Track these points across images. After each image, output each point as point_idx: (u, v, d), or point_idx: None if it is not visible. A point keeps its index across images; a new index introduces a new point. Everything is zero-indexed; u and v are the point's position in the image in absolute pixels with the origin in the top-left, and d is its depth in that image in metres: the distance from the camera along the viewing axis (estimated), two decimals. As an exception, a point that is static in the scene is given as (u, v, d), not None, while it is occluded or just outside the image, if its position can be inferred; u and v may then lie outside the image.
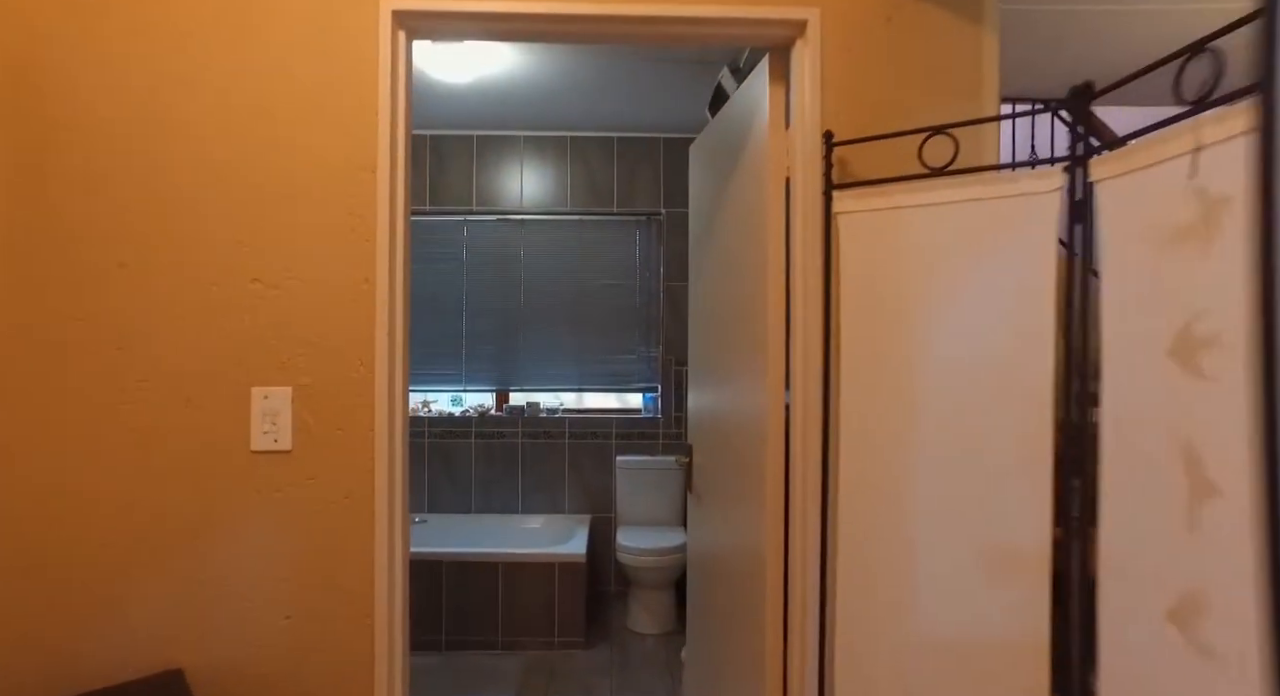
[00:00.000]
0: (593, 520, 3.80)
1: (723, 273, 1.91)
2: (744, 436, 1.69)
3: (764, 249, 1.54)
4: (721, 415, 1.91)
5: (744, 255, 1.70)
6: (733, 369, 1.79)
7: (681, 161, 3.86)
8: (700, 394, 2.18)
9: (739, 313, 1.73)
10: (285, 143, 1.34)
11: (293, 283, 1.34)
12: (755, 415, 1.60)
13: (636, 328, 3.88)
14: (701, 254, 2.16)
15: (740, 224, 1.75)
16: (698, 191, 2.23)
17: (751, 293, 1.63)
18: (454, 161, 3.81)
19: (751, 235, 1.64)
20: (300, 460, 1.34)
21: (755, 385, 1.59)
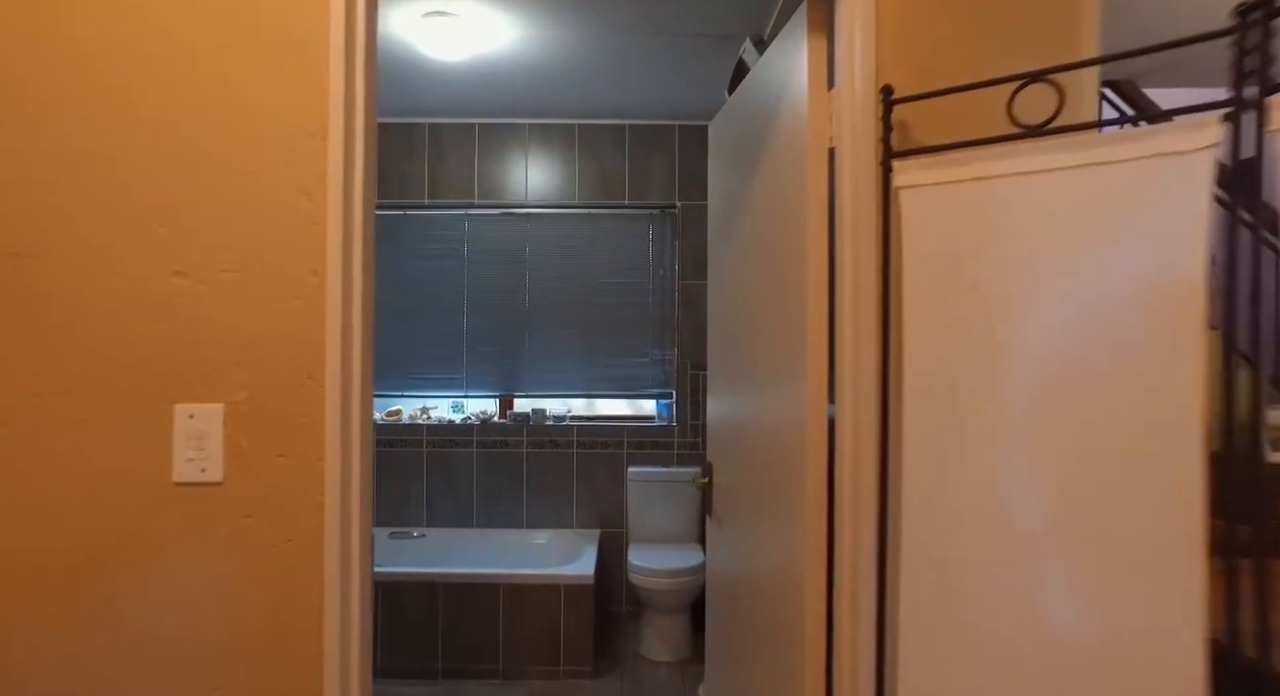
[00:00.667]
0: (602, 536, 3.54)
1: (749, 266, 1.64)
2: (777, 452, 1.42)
3: (802, 235, 1.27)
4: (747, 428, 1.64)
5: (777, 244, 1.44)
6: (762, 376, 1.52)
7: (698, 150, 3.59)
8: (721, 404, 1.91)
9: (770, 311, 1.46)
10: (214, 101, 1.09)
11: (225, 276, 1.09)
12: (791, 428, 1.33)
13: (650, 329, 3.62)
14: (723, 246, 1.90)
15: (771, 209, 1.48)
16: (719, 176, 1.97)
17: (786, 287, 1.36)
18: (454, 151, 3.57)
19: (786, 220, 1.38)
20: (233, 494, 1.08)
21: (791, 394, 1.33)
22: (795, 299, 1.31)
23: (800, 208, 1.28)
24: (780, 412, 1.40)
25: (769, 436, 1.47)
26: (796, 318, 1.30)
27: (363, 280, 1.15)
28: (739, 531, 1.71)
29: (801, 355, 1.26)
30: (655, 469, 3.49)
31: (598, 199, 3.58)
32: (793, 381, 1.32)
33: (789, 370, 1.34)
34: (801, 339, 1.27)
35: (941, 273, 1.01)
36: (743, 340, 1.68)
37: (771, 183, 1.48)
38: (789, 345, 1.35)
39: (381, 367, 3.56)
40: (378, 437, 3.53)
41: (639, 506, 3.45)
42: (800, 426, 1.27)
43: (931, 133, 1.10)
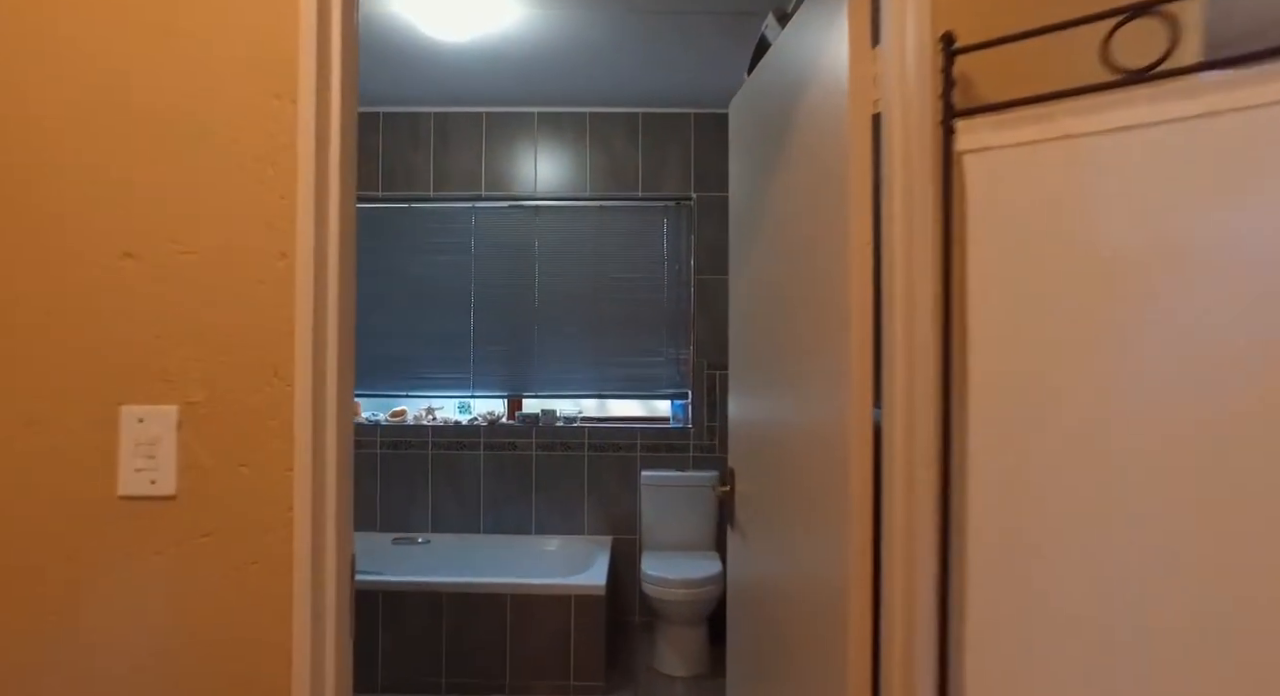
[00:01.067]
0: (614, 542, 3.38)
1: (777, 255, 1.48)
2: (812, 458, 1.26)
3: (842, 216, 1.11)
4: (776, 432, 1.48)
5: (811, 229, 1.28)
6: (793, 375, 1.36)
7: (715, 139, 3.43)
8: (744, 406, 1.75)
9: (802, 304, 1.30)
10: (166, 54, 0.95)
11: (180, 259, 0.95)
12: (829, 432, 1.17)
13: (664, 326, 3.46)
14: (746, 236, 1.74)
15: (804, 190, 1.32)
16: (741, 161, 1.81)
17: (823, 277, 1.20)
18: (460, 141, 3.43)
19: (821, 201, 1.22)
20: (189, 510, 0.94)
21: (829, 395, 1.17)
22: (834, 289, 1.15)
23: (839, 185, 1.12)
24: (816, 415, 1.24)
25: (802, 441, 1.31)
26: (835, 310, 1.14)
27: (340, 264, 1.00)
28: (766, 543, 1.55)
29: (842, 351, 1.10)
30: (670, 473, 3.33)
31: (610, 190, 3.43)
32: (831, 380, 1.16)
33: (826, 368, 1.18)
34: (842, 333, 1.11)
35: (1021, 252, 0.85)
36: (769, 337, 1.52)
37: (803, 161, 1.32)
38: (826, 340, 1.19)
39: (385, 367, 3.43)
40: (381, 439, 3.40)
41: (653, 512, 3.30)
42: (840, 430, 1.11)
43: (1000, 88, 0.94)
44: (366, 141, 3.42)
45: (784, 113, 1.43)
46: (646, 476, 3.31)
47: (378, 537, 3.37)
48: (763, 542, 1.57)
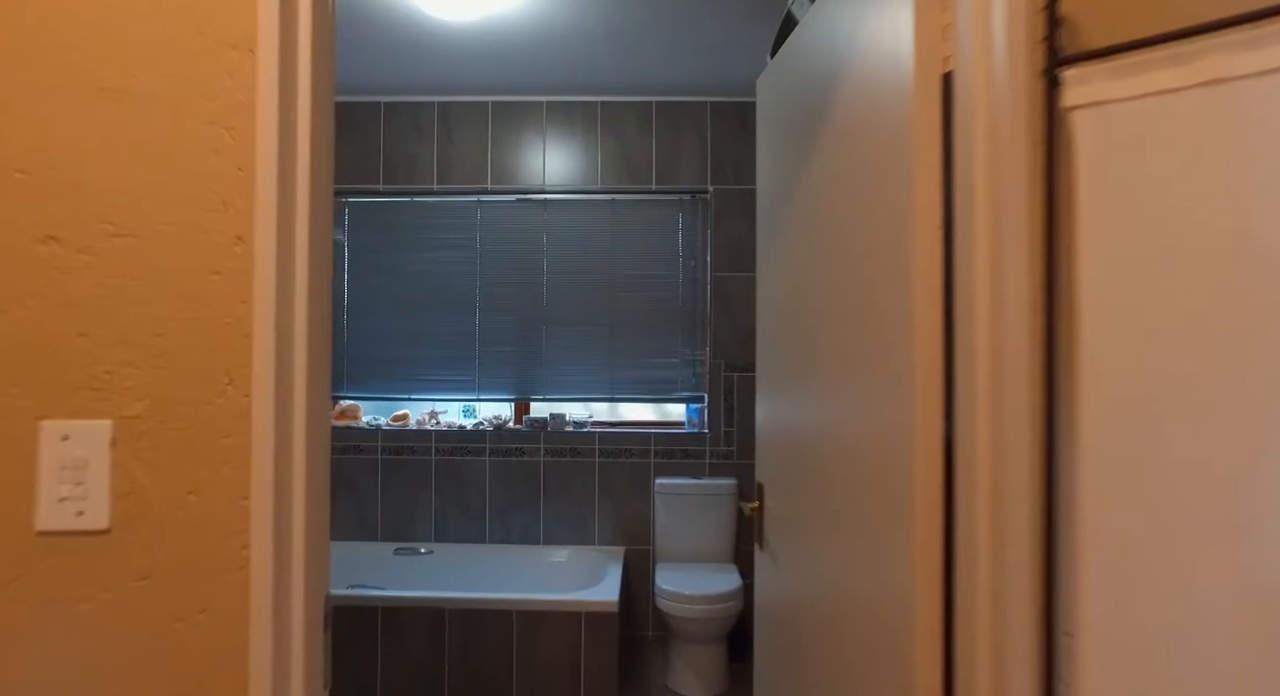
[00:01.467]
0: (627, 553, 3.22)
1: (816, 247, 1.31)
2: (862, 475, 1.09)
3: (904, 198, 0.94)
4: (815, 444, 1.31)
5: (860, 214, 1.10)
6: (837, 380, 1.19)
7: (733, 129, 3.26)
8: (775, 415, 1.58)
9: (849, 300, 1.13)
10: (102, 2, 0.79)
11: (115, 242, 0.78)
12: (886, 445, 1.00)
13: (679, 326, 3.29)
14: (778, 226, 1.56)
15: (851, 170, 1.14)
16: (771, 143, 1.63)
17: (877, 267, 1.03)
18: (466, 132, 3.27)
19: (875, 182, 1.04)
20: (124, 547, 0.78)
21: (886, 402, 1.00)
22: (893, 280, 0.97)
23: (898, 160, 0.95)
24: (867, 426, 1.06)
25: (848, 455, 1.13)
26: (895, 304, 0.96)
27: (310, 250, 0.84)
28: (802, 571, 1.37)
29: (904, 352, 0.93)
30: (685, 480, 3.16)
31: (622, 183, 3.26)
32: (888, 386, 0.98)
33: (882, 372, 1.01)
34: (904, 332, 0.93)
35: (1152, 235, 0.67)
36: (806, 337, 1.35)
37: (849, 138, 1.15)
38: (882, 341, 1.01)
39: (386, 368, 3.27)
40: (383, 444, 3.24)
41: (667, 521, 3.13)
42: (902, 442, 0.94)
43: (1115, 30, 0.76)
44: (367, 133, 3.27)
45: (824, 84, 1.25)
46: (660, 484, 3.14)
47: (379, 548, 3.21)
48: (798, 569, 1.39)
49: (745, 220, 3.24)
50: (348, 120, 3.26)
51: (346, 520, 3.27)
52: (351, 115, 3.26)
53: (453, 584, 3.10)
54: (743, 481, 3.20)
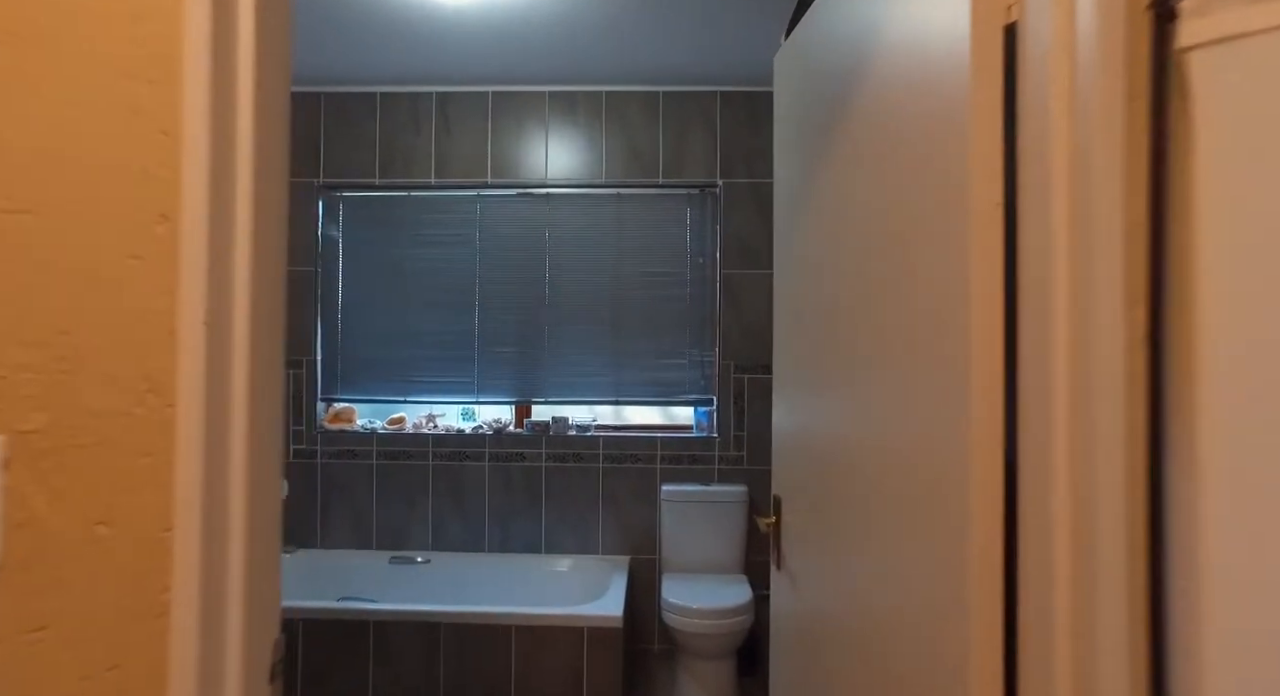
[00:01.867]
0: (632, 563, 3.07)
1: (846, 234, 1.16)
2: (901, 490, 0.95)
3: (957, 166, 0.80)
4: (841, 454, 1.17)
5: (901, 193, 0.96)
6: (870, 384, 1.05)
7: (744, 120, 3.11)
8: (794, 421, 1.43)
9: (888, 293, 0.99)
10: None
11: (9, 222, 0.65)
12: (935, 454, 0.86)
13: (687, 326, 3.15)
14: (798, 214, 1.42)
15: (890, 143, 1.00)
16: (792, 124, 1.49)
17: (921, 255, 0.89)
18: (465, 123, 3.14)
19: (922, 150, 0.90)
20: (17, 591, 0.64)
21: (930, 406, 0.85)
22: (941, 269, 0.83)
23: (951, 126, 0.81)
24: (911, 434, 0.92)
25: (888, 466, 0.99)
26: (943, 297, 0.82)
27: (254, 230, 0.70)
28: (830, 592, 1.23)
29: (956, 351, 0.79)
30: (693, 487, 3.02)
31: (628, 177, 3.12)
32: (936, 391, 0.84)
33: (927, 374, 0.87)
34: (957, 329, 0.79)
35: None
36: (834, 336, 1.21)
37: (886, 109, 1.01)
38: (927, 338, 0.87)
39: (382, 370, 3.14)
40: (378, 449, 3.11)
41: (674, 530, 2.98)
42: (953, 454, 0.80)
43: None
44: (362, 125, 3.14)
45: (855, 52, 1.11)
46: (667, 491, 3.00)
47: (373, 557, 3.08)
48: (824, 593, 1.25)
49: (756, 215, 3.10)
50: (341, 112, 3.13)
51: (340, 528, 3.14)
52: (345, 106, 3.14)
53: (449, 595, 2.96)
54: (754, 488, 3.06)
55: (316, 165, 3.14)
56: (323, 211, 3.17)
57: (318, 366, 3.16)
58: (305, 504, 3.14)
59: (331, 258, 3.18)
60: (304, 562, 3.02)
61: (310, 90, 3.13)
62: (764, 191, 3.07)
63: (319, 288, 3.16)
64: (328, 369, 3.18)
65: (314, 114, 3.14)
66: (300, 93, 3.13)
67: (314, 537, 3.14)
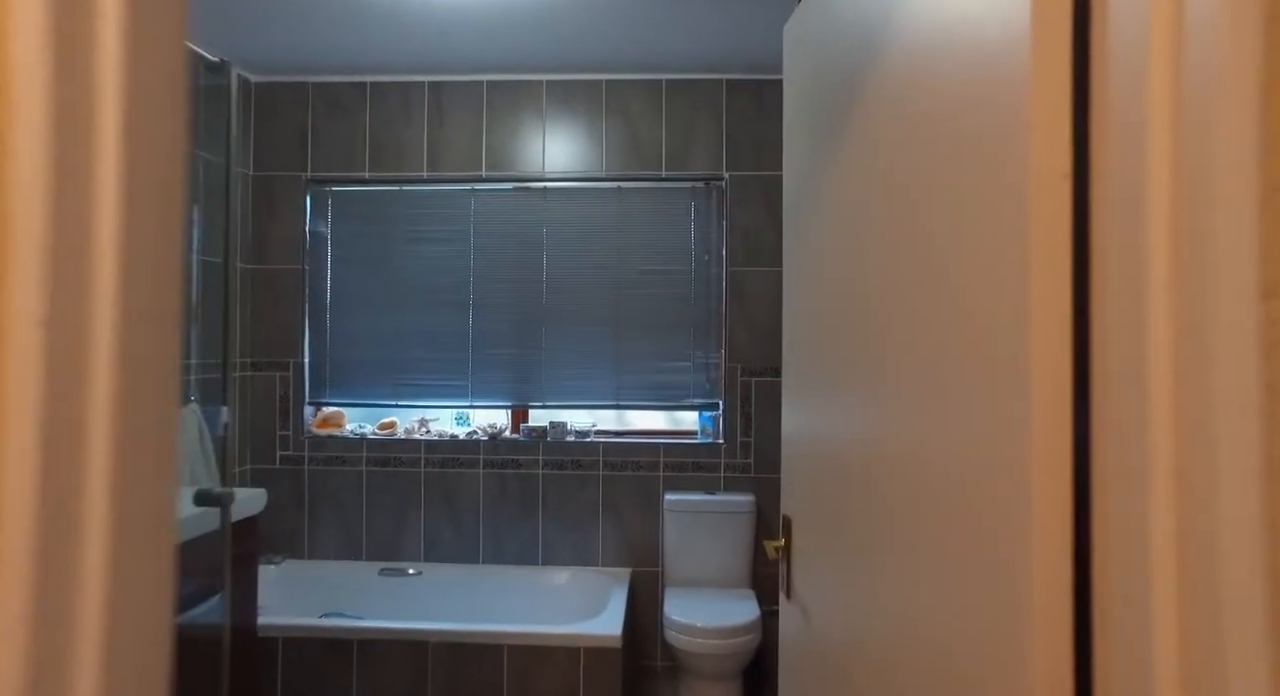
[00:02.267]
0: (634, 576, 2.93)
1: (869, 221, 1.01)
2: (944, 510, 0.79)
3: (1014, 131, 0.64)
4: (865, 467, 1.01)
5: (939, 175, 0.80)
6: (902, 388, 0.89)
7: (751, 109, 2.96)
8: (807, 428, 1.28)
9: (921, 285, 0.83)
10: None
11: None
12: (984, 470, 0.70)
13: (692, 327, 2.99)
14: (811, 203, 1.27)
15: (924, 114, 0.85)
16: (804, 103, 1.33)
17: (965, 241, 0.73)
18: (458, 114, 3.00)
19: (967, 119, 0.74)
20: None
21: (979, 413, 0.70)
22: (991, 256, 0.67)
23: (1004, 81, 0.65)
24: (948, 447, 0.76)
25: (919, 482, 0.83)
26: (998, 286, 0.67)
27: (124, 168, 0.54)
28: (851, 627, 1.08)
29: (1014, 347, 0.63)
30: (698, 496, 2.86)
31: (629, 170, 2.97)
32: (983, 394, 0.69)
33: (972, 375, 0.71)
34: (1012, 323, 0.64)
35: None
36: (850, 336, 1.05)
37: (916, 76, 0.85)
38: (972, 336, 0.71)
39: (373, 372, 3.01)
40: (368, 455, 2.97)
41: (678, 542, 2.83)
42: (1007, 472, 0.64)
43: None
44: (352, 116, 3.00)
45: (878, 8, 0.95)
46: (671, 500, 2.85)
47: (363, 568, 2.94)
48: (842, 628, 1.09)
49: (765, 209, 2.94)
50: (330, 103, 3.00)
51: (328, 538, 3.00)
52: (334, 97, 3.00)
53: (441, 610, 2.82)
54: (762, 498, 2.90)
55: (304, 158, 3.01)
56: (310, 206, 3.03)
57: (305, 369, 3.02)
58: (292, 512, 3.00)
59: (319, 255, 3.04)
60: (290, 574, 2.88)
61: (297, 80, 3.00)
62: (773, 184, 2.92)
63: (306, 286, 3.03)
64: (315, 371, 3.04)
65: (301, 105, 3.00)
66: (287, 83, 3.00)
67: (301, 548, 3.01)
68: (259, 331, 3.01)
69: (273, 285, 3.01)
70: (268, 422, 3.01)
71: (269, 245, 3.01)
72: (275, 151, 3.01)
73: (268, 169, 3.01)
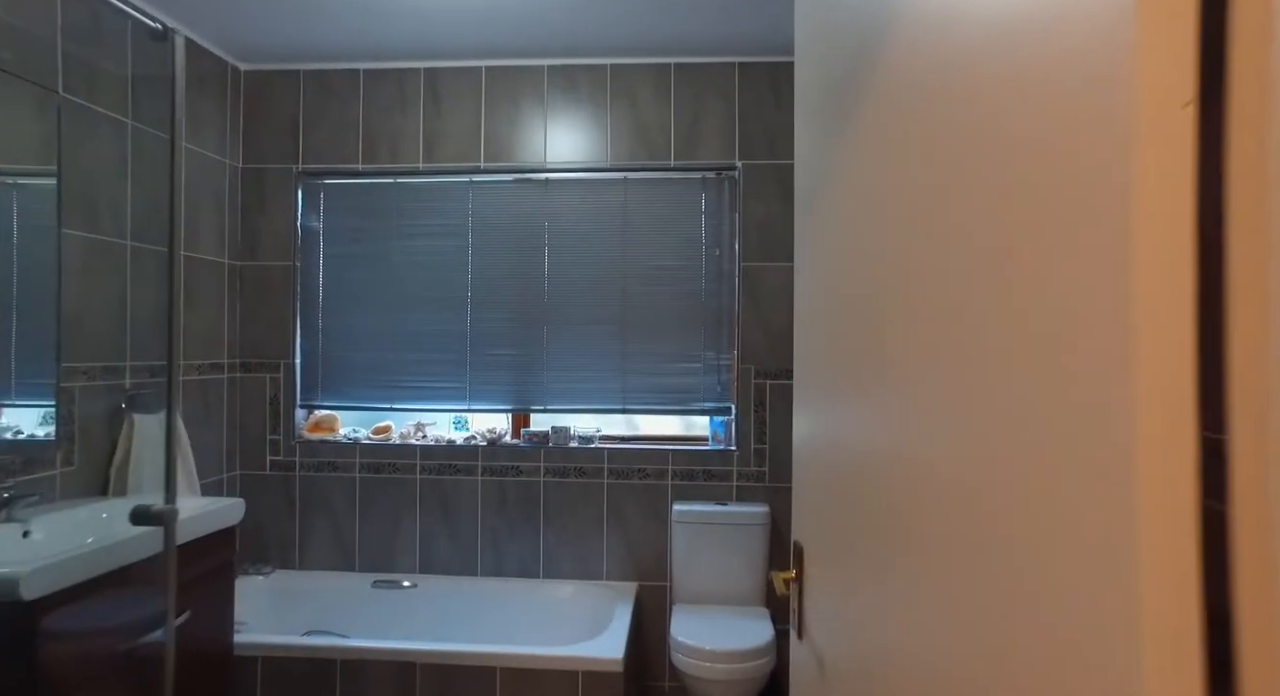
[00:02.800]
0: (640, 590, 2.75)
1: (888, 206, 0.82)
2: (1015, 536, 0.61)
3: (1109, 68, 0.46)
4: (895, 487, 0.83)
5: (979, 134, 0.62)
6: (948, 394, 0.71)
7: (765, 94, 2.77)
8: (822, 436, 1.10)
9: (966, 269, 0.64)
10: None
11: None
12: (1067, 491, 0.51)
13: (702, 325, 2.81)
14: (827, 184, 1.08)
15: (973, 52, 0.66)
16: (818, 75, 1.15)
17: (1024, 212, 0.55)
18: (455, 103, 2.84)
19: (1030, 70, 0.56)
20: None
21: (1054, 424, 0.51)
22: (1072, 218, 0.49)
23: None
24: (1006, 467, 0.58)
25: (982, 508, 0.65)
26: (1079, 261, 0.48)
27: None
28: (879, 685, 0.89)
29: (1108, 340, 0.45)
30: (708, 506, 2.68)
31: (636, 160, 2.80)
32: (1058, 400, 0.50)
33: (1046, 376, 0.52)
34: (1104, 307, 0.45)
35: None
36: (878, 328, 0.87)
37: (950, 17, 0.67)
38: (1049, 327, 0.53)
39: (368, 374, 2.86)
40: (361, 460, 2.83)
41: (687, 554, 2.65)
42: (1110, 498, 0.45)
43: None
44: (344, 105, 2.86)
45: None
46: (679, 510, 2.67)
47: (355, 580, 2.80)
48: (859, 679, 0.91)
49: (779, 201, 2.75)
50: (321, 90, 2.86)
51: (320, 547, 2.86)
52: (326, 85, 2.86)
53: (437, 625, 2.67)
54: (776, 509, 2.71)
55: (295, 150, 2.87)
56: (302, 200, 2.90)
57: (296, 370, 2.89)
58: (283, 520, 2.87)
59: (311, 251, 2.90)
60: (279, 585, 2.74)
61: (287, 67, 2.86)
62: (788, 174, 2.73)
63: (298, 284, 2.89)
64: (307, 373, 2.91)
65: (291, 93, 2.87)
66: (276, 71, 2.86)
67: (292, 558, 2.87)
68: (248, 331, 2.88)
69: (262, 282, 2.88)
70: (257, 426, 2.87)
71: (259, 240, 2.88)
72: (265, 143, 2.87)
73: (257, 161, 2.88)
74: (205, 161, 2.67)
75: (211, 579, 1.99)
